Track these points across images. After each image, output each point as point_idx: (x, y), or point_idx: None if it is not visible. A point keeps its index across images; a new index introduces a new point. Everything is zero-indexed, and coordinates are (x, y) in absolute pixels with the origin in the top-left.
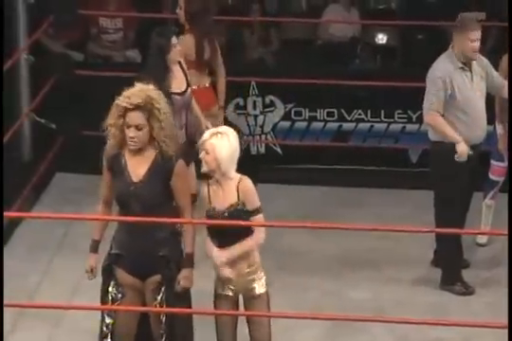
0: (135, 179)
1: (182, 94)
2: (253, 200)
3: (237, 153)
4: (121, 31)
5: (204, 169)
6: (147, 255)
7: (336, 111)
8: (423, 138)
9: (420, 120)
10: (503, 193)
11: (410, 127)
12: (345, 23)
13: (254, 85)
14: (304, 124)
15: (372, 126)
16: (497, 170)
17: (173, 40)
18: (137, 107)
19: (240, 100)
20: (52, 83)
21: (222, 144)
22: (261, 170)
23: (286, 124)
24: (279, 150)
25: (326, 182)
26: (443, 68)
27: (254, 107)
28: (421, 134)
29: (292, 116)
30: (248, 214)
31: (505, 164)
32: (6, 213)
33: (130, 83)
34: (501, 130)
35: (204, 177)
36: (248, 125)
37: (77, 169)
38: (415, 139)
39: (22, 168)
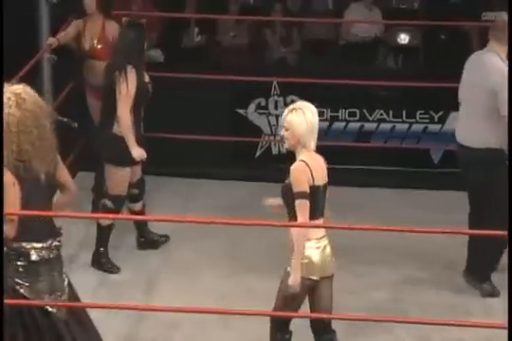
0: None
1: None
2: (295, 183)
3: (315, 127)
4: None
5: (286, 145)
6: None
7: (357, 111)
8: (445, 138)
9: (442, 120)
10: None
11: (432, 127)
12: (367, 23)
13: (276, 85)
14: (326, 124)
15: (393, 126)
16: None
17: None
18: None
19: (261, 100)
20: (75, 83)
21: (298, 119)
22: (282, 170)
23: None
24: None
25: (348, 182)
26: (503, 68)
27: (276, 107)
28: (443, 134)
29: None
30: (293, 195)
31: None
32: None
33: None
34: None
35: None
36: (270, 125)
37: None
38: (437, 139)
39: None
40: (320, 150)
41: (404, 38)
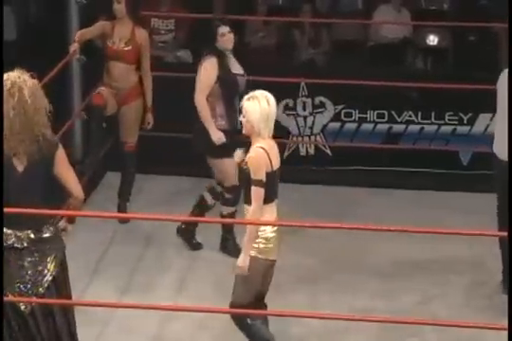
0: None
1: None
2: (254, 170)
3: (270, 116)
4: (173, 32)
5: (243, 131)
6: None
7: (386, 112)
8: (474, 140)
9: (471, 122)
10: None
11: (460, 129)
12: (396, 24)
13: (304, 86)
14: (354, 125)
15: (422, 128)
16: None
17: (222, 29)
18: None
19: (289, 101)
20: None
21: (252, 107)
22: (310, 172)
23: (336, 125)
24: (328, 151)
25: (376, 183)
26: None
27: (304, 108)
28: (472, 135)
29: (342, 117)
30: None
31: None
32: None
33: (181, 83)
34: None
35: None
36: (298, 126)
37: None
38: (466, 141)
39: (73, 167)
40: (348, 151)
41: (433, 39)
